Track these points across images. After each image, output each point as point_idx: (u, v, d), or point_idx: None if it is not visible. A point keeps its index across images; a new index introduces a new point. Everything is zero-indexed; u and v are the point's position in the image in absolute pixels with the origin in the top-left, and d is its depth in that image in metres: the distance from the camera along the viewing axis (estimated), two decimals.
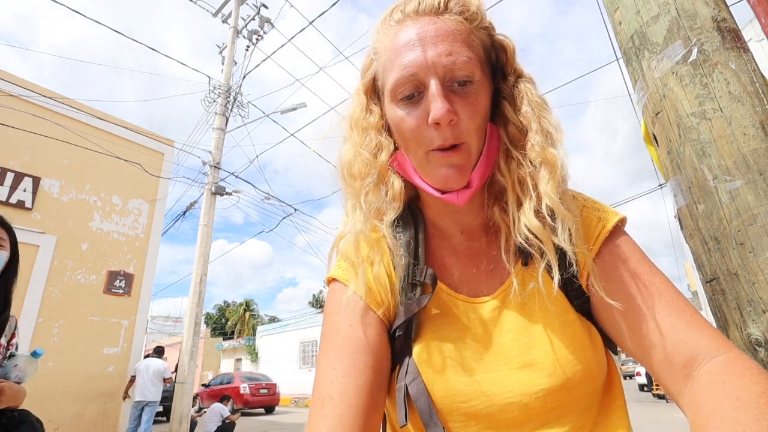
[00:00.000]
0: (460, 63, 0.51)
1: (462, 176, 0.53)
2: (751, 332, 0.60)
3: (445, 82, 0.51)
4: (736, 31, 0.69)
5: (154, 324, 35.69)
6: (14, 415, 1.35)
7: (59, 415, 6.13)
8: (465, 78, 0.51)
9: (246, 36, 9.69)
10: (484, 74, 0.54)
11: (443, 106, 0.49)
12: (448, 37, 0.52)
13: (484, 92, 0.54)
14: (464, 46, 0.52)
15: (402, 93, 0.53)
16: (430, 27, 0.52)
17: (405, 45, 0.52)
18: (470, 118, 0.51)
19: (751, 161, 0.61)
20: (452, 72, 0.51)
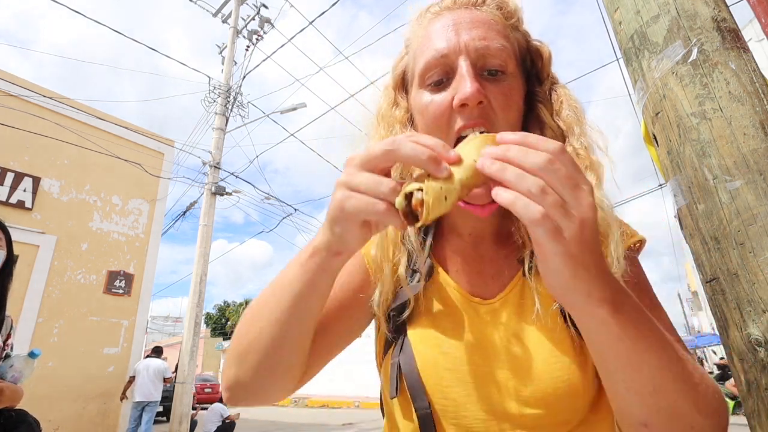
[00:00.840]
0: (494, 49, 0.49)
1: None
2: (751, 332, 0.60)
3: (476, 67, 0.49)
4: (736, 31, 0.70)
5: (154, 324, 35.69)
6: (12, 415, 1.35)
7: (59, 415, 6.13)
8: (498, 67, 0.50)
9: (246, 36, 9.69)
10: (518, 70, 0.53)
11: (473, 85, 0.46)
12: (484, 25, 0.51)
13: (517, 88, 0.52)
14: (500, 36, 0.51)
15: (431, 77, 0.52)
16: (467, 14, 0.51)
17: (439, 30, 0.51)
18: (502, 109, 0.49)
19: (751, 161, 0.61)
20: (485, 58, 0.49)
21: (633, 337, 0.38)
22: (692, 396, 0.39)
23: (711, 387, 0.40)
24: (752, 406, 0.62)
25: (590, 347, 0.42)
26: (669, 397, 0.39)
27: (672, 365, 0.39)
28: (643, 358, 0.38)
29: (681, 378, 0.39)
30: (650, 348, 0.38)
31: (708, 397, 0.40)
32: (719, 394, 0.41)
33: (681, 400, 0.39)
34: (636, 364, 0.38)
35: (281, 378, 0.52)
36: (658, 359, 0.38)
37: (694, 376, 0.39)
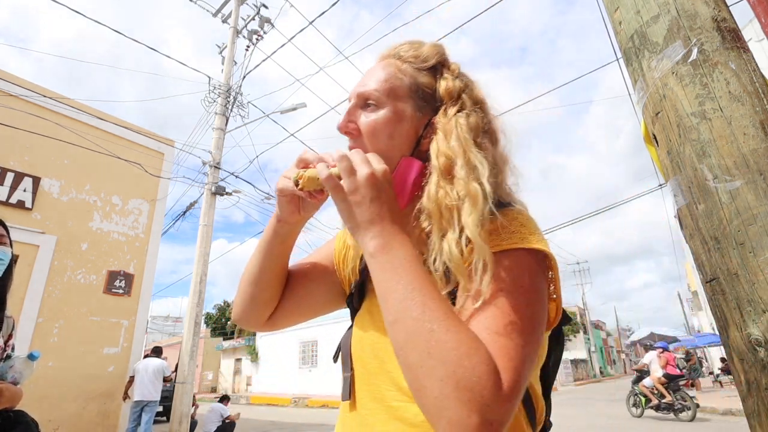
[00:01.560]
0: (367, 92, 0.67)
1: None
2: (751, 332, 0.60)
3: (358, 104, 0.69)
4: (736, 31, 0.70)
5: (154, 324, 35.68)
6: (10, 415, 1.35)
7: (59, 415, 6.14)
8: (373, 101, 0.67)
9: (246, 36, 9.69)
10: (397, 102, 0.67)
11: (342, 119, 0.69)
12: (373, 75, 0.69)
13: (388, 114, 0.66)
14: (379, 81, 0.67)
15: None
16: (372, 69, 0.71)
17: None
18: (366, 133, 0.66)
19: (751, 161, 0.61)
20: (362, 98, 0.68)
21: (386, 276, 0.52)
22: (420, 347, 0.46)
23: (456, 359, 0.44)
24: (752, 406, 0.62)
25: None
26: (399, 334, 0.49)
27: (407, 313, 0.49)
28: (388, 294, 0.51)
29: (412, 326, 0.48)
30: (393, 290, 0.51)
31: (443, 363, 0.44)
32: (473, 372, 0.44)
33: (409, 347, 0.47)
34: (383, 294, 0.52)
35: (257, 307, 0.75)
36: (397, 302, 0.50)
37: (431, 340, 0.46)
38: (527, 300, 0.53)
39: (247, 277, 0.74)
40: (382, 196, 0.56)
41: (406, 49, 0.70)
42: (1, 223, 1.44)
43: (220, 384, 29.37)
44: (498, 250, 0.55)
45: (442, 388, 0.43)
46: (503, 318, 0.50)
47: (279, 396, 19.59)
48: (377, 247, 0.54)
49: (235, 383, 28.10)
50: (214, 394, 23.63)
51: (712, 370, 22.03)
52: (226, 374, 29.36)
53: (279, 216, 0.68)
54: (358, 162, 0.57)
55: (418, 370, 0.46)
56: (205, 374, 29.52)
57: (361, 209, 0.55)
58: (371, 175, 0.55)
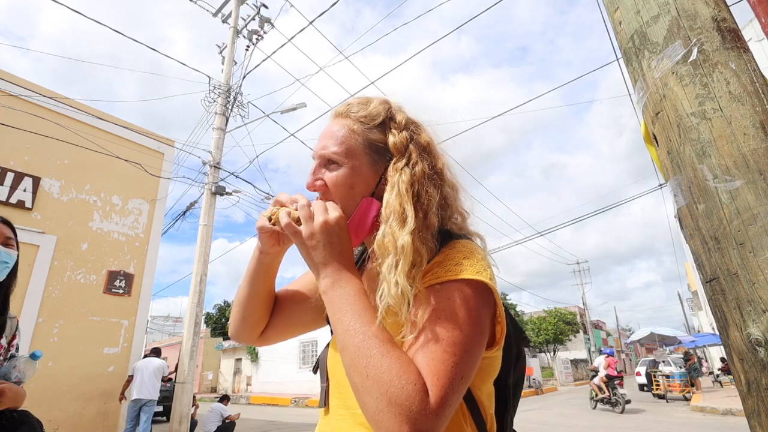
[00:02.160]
0: (328, 154, 0.76)
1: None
2: (751, 332, 0.60)
3: (321, 164, 0.77)
4: (736, 31, 0.69)
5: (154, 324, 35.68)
6: (14, 415, 1.35)
7: (59, 415, 6.14)
8: (334, 161, 0.75)
9: (246, 36, 9.69)
10: (355, 159, 0.75)
11: (309, 179, 0.78)
12: (330, 136, 0.77)
13: (348, 171, 0.75)
14: (337, 142, 0.76)
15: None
16: (329, 127, 0.79)
17: (320, 134, 0.81)
18: (333, 187, 0.75)
19: (751, 161, 0.61)
20: (326, 158, 0.76)
21: (334, 309, 0.63)
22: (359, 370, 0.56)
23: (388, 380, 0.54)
24: (752, 406, 0.62)
25: None
26: (345, 359, 0.59)
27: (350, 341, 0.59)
28: (336, 325, 0.62)
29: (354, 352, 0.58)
30: (340, 321, 0.61)
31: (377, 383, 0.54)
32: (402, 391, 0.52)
33: (352, 369, 0.57)
34: (334, 325, 0.62)
35: (249, 325, 0.85)
36: (343, 331, 0.60)
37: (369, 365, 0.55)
38: (459, 325, 0.59)
39: (238, 299, 0.84)
40: (334, 240, 0.67)
41: (356, 109, 0.78)
42: (10, 226, 1.44)
43: (220, 384, 29.36)
44: (437, 282, 0.63)
45: (377, 404, 0.53)
46: (436, 343, 0.58)
47: (279, 396, 19.58)
48: (328, 284, 0.65)
49: (235, 383, 28.09)
50: (214, 394, 23.63)
51: (712, 370, 22.01)
52: (226, 374, 29.35)
53: (261, 248, 0.79)
54: (317, 210, 0.68)
55: (360, 389, 0.55)
56: (205, 374, 29.51)
57: (316, 252, 0.66)
58: (325, 222, 0.66)
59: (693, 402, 12.02)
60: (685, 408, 11.58)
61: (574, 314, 36.97)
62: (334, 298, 0.63)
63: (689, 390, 14.59)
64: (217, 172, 8.33)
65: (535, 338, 34.78)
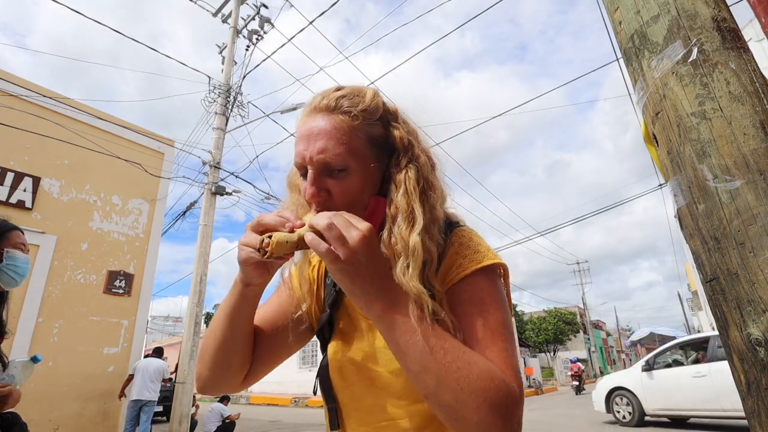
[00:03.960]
0: (330, 157, 0.64)
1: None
2: (751, 332, 0.60)
3: (320, 172, 0.65)
4: (736, 30, 0.69)
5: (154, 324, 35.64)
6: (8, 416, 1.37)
7: (59, 415, 6.13)
8: (340, 167, 0.65)
9: (246, 36, 9.69)
10: (363, 160, 0.67)
11: (309, 191, 0.65)
12: (326, 135, 0.65)
13: (359, 178, 0.66)
14: (338, 143, 0.65)
15: (299, 172, 0.69)
16: (317, 125, 0.66)
17: (301, 137, 0.68)
18: (342, 196, 0.66)
19: (751, 161, 0.61)
20: (326, 164, 0.64)
21: (399, 332, 0.55)
22: (451, 386, 0.52)
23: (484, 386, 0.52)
24: (752, 406, 0.62)
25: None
26: (429, 381, 0.53)
27: (432, 361, 0.53)
28: (408, 348, 0.55)
29: (439, 370, 0.53)
30: (413, 343, 0.54)
31: (475, 393, 0.52)
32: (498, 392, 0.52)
33: (441, 390, 0.53)
34: (403, 349, 0.55)
35: (228, 373, 0.71)
36: (419, 353, 0.54)
37: (461, 378, 0.52)
38: (500, 310, 0.62)
39: (216, 344, 0.70)
40: (375, 256, 0.58)
41: (349, 102, 0.68)
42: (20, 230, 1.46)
43: None
44: (465, 274, 0.64)
45: (479, 413, 0.51)
46: (492, 333, 0.59)
47: (279, 396, 19.58)
48: (383, 308, 0.57)
49: None
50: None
51: None
52: None
53: (246, 281, 0.66)
54: (345, 227, 0.56)
55: (455, 405, 0.52)
56: None
57: (360, 275, 0.56)
58: (363, 238, 0.55)
59: None
60: None
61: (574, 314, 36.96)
62: (397, 320, 0.56)
63: None
64: (217, 172, 8.33)
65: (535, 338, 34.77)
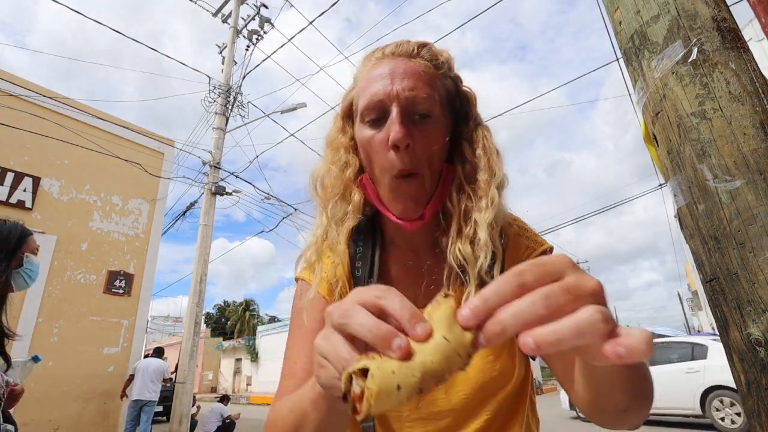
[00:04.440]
0: (420, 98, 0.58)
1: (417, 208, 0.61)
2: (751, 332, 0.60)
3: (405, 112, 0.58)
4: (736, 31, 0.69)
5: (154, 324, 35.67)
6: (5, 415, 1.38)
7: (59, 415, 6.13)
8: (424, 112, 0.59)
9: (246, 36, 9.69)
10: (443, 114, 0.62)
11: (401, 130, 0.56)
12: (414, 75, 0.60)
13: (441, 129, 0.61)
14: (427, 86, 0.60)
15: (369, 116, 0.61)
16: (401, 65, 0.61)
17: (378, 76, 0.61)
18: (425, 148, 0.59)
19: (751, 161, 0.61)
20: (413, 104, 0.59)
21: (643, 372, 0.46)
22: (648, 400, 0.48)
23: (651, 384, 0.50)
24: (752, 406, 0.62)
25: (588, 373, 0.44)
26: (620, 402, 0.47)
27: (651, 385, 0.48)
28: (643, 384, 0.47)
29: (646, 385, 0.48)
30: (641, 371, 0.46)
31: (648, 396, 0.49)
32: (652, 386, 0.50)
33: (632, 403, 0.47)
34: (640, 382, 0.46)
35: None
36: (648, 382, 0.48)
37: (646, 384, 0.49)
38: None
39: None
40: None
41: (428, 53, 0.64)
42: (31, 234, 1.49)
43: (220, 384, 29.35)
44: (538, 252, 0.63)
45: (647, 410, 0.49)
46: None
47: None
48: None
49: (235, 383, 28.08)
50: (214, 394, 23.61)
51: None
52: (226, 374, 29.34)
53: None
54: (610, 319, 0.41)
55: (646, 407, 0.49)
56: (205, 374, 29.50)
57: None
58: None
59: None
60: None
61: None
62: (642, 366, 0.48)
63: None
64: (217, 172, 8.33)
65: None
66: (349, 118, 0.70)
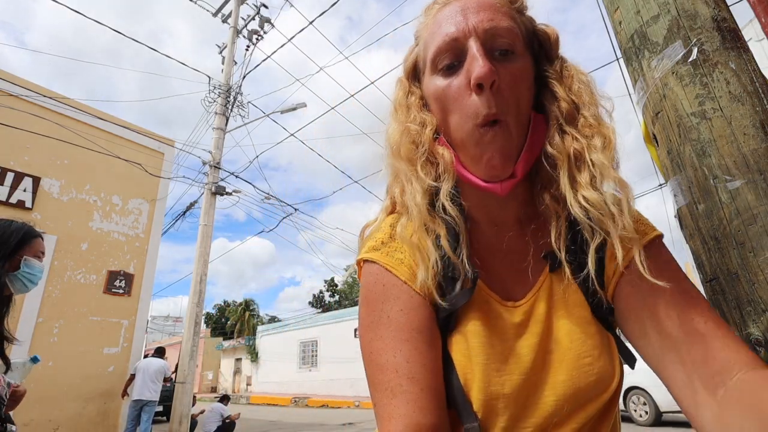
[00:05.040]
0: (502, 29, 0.51)
1: (506, 163, 0.51)
2: (751, 332, 0.60)
3: (486, 47, 0.50)
4: (736, 30, 0.69)
5: (154, 324, 35.70)
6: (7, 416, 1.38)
7: (59, 415, 6.13)
8: (506, 47, 0.51)
9: (246, 36, 9.69)
10: (526, 51, 0.54)
11: (485, 63, 0.48)
12: (490, 8, 0.52)
13: (526, 67, 0.53)
14: (506, 17, 0.52)
15: (443, 61, 0.53)
16: (473, 1, 0.53)
17: (447, 16, 0.53)
18: (511, 88, 0.50)
19: (751, 161, 0.61)
20: (494, 37, 0.51)
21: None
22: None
23: None
24: None
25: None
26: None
27: None
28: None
29: None
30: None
31: None
32: None
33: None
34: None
35: None
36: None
37: None
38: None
39: None
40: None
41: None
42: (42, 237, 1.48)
43: (220, 384, 29.37)
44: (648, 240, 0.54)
45: None
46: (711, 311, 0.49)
47: (279, 396, 19.59)
48: None
49: (235, 383, 28.10)
50: (214, 394, 23.64)
51: None
52: (226, 374, 29.36)
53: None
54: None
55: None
56: (205, 374, 29.51)
57: None
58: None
59: None
60: None
61: None
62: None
63: None
64: (217, 172, 8.33)
65: None
66: (415, 79, 0.62)
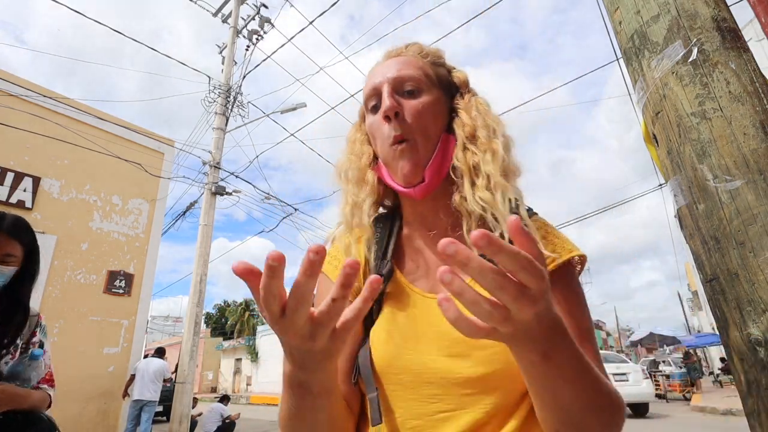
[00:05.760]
0: (406, 76, 0.68)
1: (415, 170, 0.66)
2: (751, 332, 0.60)
3: (395, 90, 0.68)
4: (736, 30, 0.69)
5: (154, 324, 35.68)
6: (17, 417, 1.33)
7: (59, 415, 6.09)
8: (411, 87, 0.68)
9: (246, 36, 9.69)
10: (432, 89, 0.69)
11: (390, 101, 0.65)
12: (402, 63, 0.70)
13: (430, 100, 0.68)
14: (413, 68, 0.69)
15: (370, 102, 0.71)
16: (392, 60, 0.72)
17: (374, 73, 0.72)
18: (414, 117, 0.66)
19: (751, 161, 0.61)
20: (401, 83, 0.68)
21: (555, 376, 0.45)
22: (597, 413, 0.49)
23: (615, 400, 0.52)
24: (752, 406, 0.62)
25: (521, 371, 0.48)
26: (576, 416, 0.48)
27: (585, 395, 0.47)
28: (561, 391, 0.47)
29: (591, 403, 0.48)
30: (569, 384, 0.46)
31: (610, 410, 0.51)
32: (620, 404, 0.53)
33: (587, 417, 0.49)
34: (553, 392, 0.47)
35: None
36: (572, 392, 0.47)
37: (602, 397, 0.49)
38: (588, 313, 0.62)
39: None
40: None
41: (416, 48, 0.74)
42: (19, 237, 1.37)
43: (220, 384, 29.36)
44: (562, 261, 0.62)
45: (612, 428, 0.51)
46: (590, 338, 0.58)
47: (279, 396, 19.56)
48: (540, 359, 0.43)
49: (235, 383, 28.09)
50: (214, 394, 23.63)
51: (712, 370, 21.99)
52: (226, 374, 29.35)
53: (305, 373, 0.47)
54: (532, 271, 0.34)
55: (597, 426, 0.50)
56: (205, 374, 29.50)
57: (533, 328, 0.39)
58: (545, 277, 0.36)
59: (693, 402, 12.02)
60: (686, 408, 11.57)
61: None
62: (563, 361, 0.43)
63: (689, 390, 14.60)
64: (217, 172, 8.33)
65: None
66: (363, 118, 0.79)
